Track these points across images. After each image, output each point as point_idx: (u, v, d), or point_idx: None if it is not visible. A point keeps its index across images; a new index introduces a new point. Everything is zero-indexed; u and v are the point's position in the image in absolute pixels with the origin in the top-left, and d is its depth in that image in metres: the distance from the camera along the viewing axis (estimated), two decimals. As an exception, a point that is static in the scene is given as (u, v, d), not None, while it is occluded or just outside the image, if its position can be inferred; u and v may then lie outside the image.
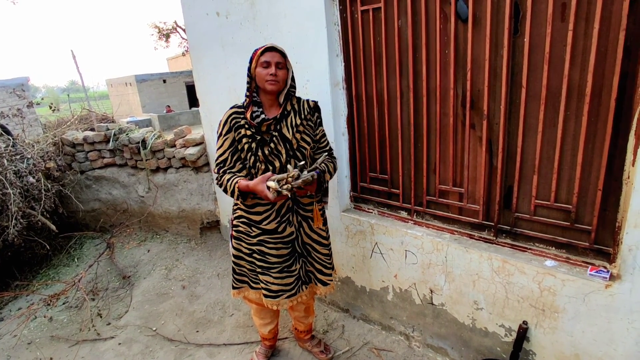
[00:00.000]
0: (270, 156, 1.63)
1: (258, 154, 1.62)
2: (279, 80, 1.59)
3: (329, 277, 1.90)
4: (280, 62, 1.59)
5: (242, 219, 1.76)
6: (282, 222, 1.72)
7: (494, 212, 1.73)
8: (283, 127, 1.66)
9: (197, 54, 3.00)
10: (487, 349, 1.86)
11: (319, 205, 1.81)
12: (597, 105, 1.37)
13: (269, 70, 1.57)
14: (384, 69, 1.93)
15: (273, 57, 1.58)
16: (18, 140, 3.60)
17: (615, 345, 1.45)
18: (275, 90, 1.61)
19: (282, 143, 1.65)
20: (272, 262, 1.75)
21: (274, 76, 1.57)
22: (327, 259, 1.88)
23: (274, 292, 1.79)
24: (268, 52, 1.58)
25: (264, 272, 1.78)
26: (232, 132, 1.65)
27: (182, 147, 3.53)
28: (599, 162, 1.40)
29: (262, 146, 1.63)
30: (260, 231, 1.73)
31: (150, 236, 3.90)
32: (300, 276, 1.83)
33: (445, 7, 1.64)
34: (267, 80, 1.58)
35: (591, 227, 1.48)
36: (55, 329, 2.67)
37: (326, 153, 1.77)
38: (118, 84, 19.94)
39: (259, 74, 1.59)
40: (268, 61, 1.57)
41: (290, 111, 1.69)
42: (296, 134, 1.67)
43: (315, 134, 1.76)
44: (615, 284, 1.39)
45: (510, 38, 1.49)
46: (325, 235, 1.86)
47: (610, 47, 1.30)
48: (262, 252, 1.75)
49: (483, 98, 1.62)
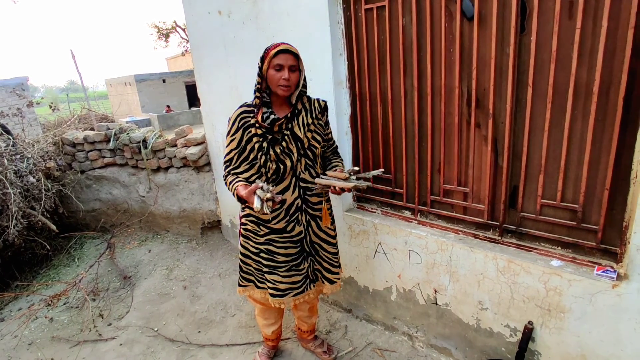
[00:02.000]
0: (281, 155, 1.62)
1: (269, 153, 1.60)
2: (291, 85, 1.56)
3: (336, 275, 1.90)
4: (294, 65, 1.54)
5: (251, 217, 1.75)
6: (291, 221, 1.71)
7: (499, 211, 1.72)
8: (295, 125, 1.64)
9: (198, 53, 2.98)
10: (491, 349, 1.85)
11: (328, 204, 1.81)
12: (605, 103, 1.35)
13: (282, 74, 1.53)
14: (388, 68, 1.92)
15: (287, 60, 1.52)
16: (18, 139, 3.58)
17: (623, 346, 1.44)
18: (287, 95, 1.59)
19: (293, 142, 1.64)
20: (281, 261, 1.74)
21: (286, 80, 1.53)
22: (335, 257, 1.88)
23: (281, 290, 1.78)
24: (282, 54, 1.52)
25: (272, 272, 1.77)
26: (240, 131, 1.63)
27: (183, 147, 3.52)
28: (607, 161, 1.39)
29: (274, 145, 1.61)
30: (268, 230, 1.72)
31: (151, 236, 3.89)
32: (308, 274, 1.83)
33: (451, 5, 1.63)
34: (279, 85, 1.54)
35: (598, 226, 1.47)
36: (56, 329, 2.66)
37: (340, 158, 1.84)
38: (117, 83, 19.91)
39: (272, 76, 1.55)
40: (281, 64, 1.52)
41: (302, 110, 1.67)
42: (307, 133, 1.66)
43: (325, 133, 1.76)
44: (622, 284, 1.38)
45: (516, 36, 1.48)
46: (333, 235, 1.86)
47: (618, 45, 1.29)
48: (270, 252, 1.74)
49: (489, 97, 1.61)
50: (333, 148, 1.86)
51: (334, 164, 1.79)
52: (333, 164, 1.79)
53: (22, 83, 9.34)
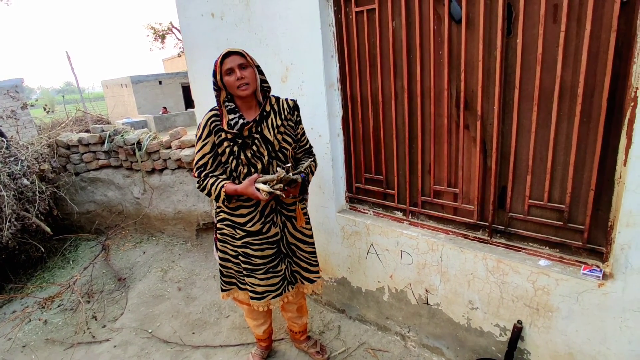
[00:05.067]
0: (252, 159, 1.63)
1: (240, 157, 1.62)
2: (249, 82, 1.57)
3: (315, 274, 1.92)
4: (242, 62, 1.55)
5: (226, 222, 1.76)
6: (267, 222, 1.72)
7: (488, 212, 1.74)
8: (264, 128, 1.65)
9: (192, 55, 2.99)
10: (482, 349, 1.87)
11: (302, 205, 1.82)
12: (589, 105, 1.38)
13: (235, 75, 1.55)
14: (379, 70, 1.93)
15: (233, 61, 1.54)
16: (12, 142, 3.58)
17: (609, 344, 1.46)
18: (249, 94, 1.60)
19: (264, 145, 1.64)
20: (257, 263, 1.75)
21: (241, 79, 1.55)
22: (312, 256, 1.90)
23: (259, 293, 1.80)
24: (227, 57, 1.55)
25: (250, 274, 1.78)
26: (212, 135, 1.64)
27: (177, 149, 3.52)
28: (592, 162, 1.41)
29: (244, 149, 1.62)
30: (244, 233, 1.73)
31: (145, 238, 3.89)
32: (285, 276, 1.85)
33: (439, 9, 1.65)
34: (238, 86, 1.56)
35: (584, 226, 1.49)
36: (50, 331, 2.66)
37: (312, 158, 1.82)
38: (113, 85, 19.85)
39: (228, 82, 1.57)
40: (231, 67, 1.54)
41: (270, 112, 1.67)
42: (277, 135, 1.67)
43: (296, 134, 1.76)
44: (608, 282, 1.40)
45: (503, 39, 1.50)
46: (309, 234, 1.87)
47: (601, 48, 1.31)
48: (247, 255, 1.76)
49: (477, 99, 1.63)
50: (305, 148, 1.84)
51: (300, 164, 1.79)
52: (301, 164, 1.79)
53: (16, 85, 9.31)
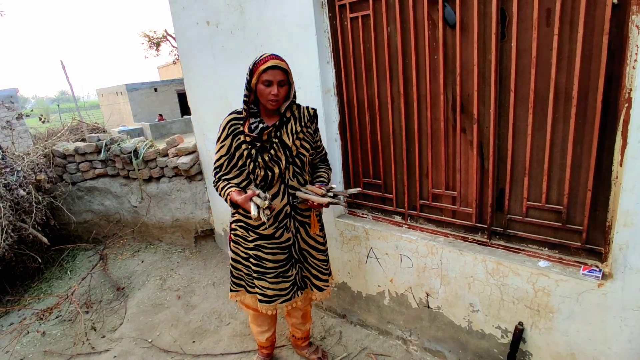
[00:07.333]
0: (270, 162, 1.64)
1: (258, 160, 1.62)
2: (280, 100, 1.58)
3: (325, 282, 1.90)
4: (282, 79, 1.55)
5: (240, 223, 1.77)
6: (280, 227, 1.72)
7: (487, 214, 1.75)
8: (283, 133, 1.66)
9: (187, 63, 3.00)
10: (484, 351, 1.87)
11: (317, 211, 1.82)
12: (584, 107, 1.39)
13: (271, 90, 1.54)
14: (375, 75, 1.95)
15: (275, 76, 1.53)
16: (8, 152, 3.56)
17: (610, 344, 1.46)
18: (276, 108, 1.62)
19: (282, 150, 1.66)
20: (268, 267, 1.75)
21: (275, 96, 1.55)
22: (324, 264, 1.89)
23: (269, 297, 1.79)
24: (270, 70, 1.52)
25: (260, 277, 1.78)
26: (229, 138, 1.66)
27: (174, 156, 3.52)
28: (588, 163, 1.42)
29: (262, 153, 1.63)
30: (257, 236, 1.73)
31: (144, 246, 3.87)
32: (296, 281, 1.84)
33: (433, 14, 1.66)
34: (269, 100, 1.56)
35: (582, 227, 1.50)
36: (48, 343, 2.63)
37: (327, 166, 1.88)
38: (109, 93, 19.83)
39: (261, 91, 1.56)
40: (270, 80, 1.53)
41: (290, 118, 1.69)
42: (296, 141, 1.68)
43: (314, 141, 1.78)
44: (607, 282, 1.41)
45: (497, 43, 1.52)
46: (322, 242, 1.87)
47: (594, 51, 1.33)
48: (258, 257, 1.76)
49: (473, 102, 1.64)
50: (322, 155, 1.88)
51: (319, 174, 1.82)
52: (318, 174, 1.82)
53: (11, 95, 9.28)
